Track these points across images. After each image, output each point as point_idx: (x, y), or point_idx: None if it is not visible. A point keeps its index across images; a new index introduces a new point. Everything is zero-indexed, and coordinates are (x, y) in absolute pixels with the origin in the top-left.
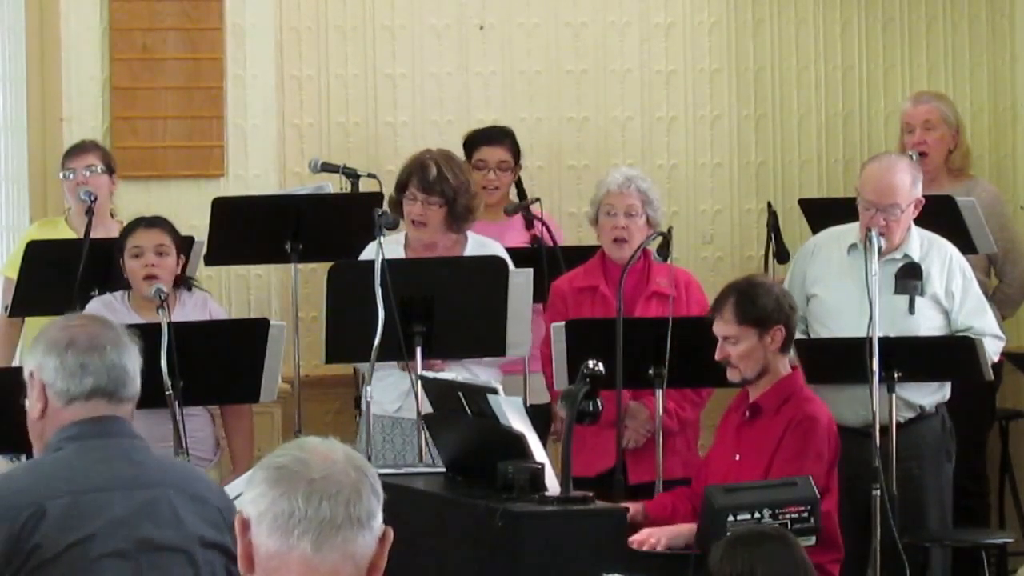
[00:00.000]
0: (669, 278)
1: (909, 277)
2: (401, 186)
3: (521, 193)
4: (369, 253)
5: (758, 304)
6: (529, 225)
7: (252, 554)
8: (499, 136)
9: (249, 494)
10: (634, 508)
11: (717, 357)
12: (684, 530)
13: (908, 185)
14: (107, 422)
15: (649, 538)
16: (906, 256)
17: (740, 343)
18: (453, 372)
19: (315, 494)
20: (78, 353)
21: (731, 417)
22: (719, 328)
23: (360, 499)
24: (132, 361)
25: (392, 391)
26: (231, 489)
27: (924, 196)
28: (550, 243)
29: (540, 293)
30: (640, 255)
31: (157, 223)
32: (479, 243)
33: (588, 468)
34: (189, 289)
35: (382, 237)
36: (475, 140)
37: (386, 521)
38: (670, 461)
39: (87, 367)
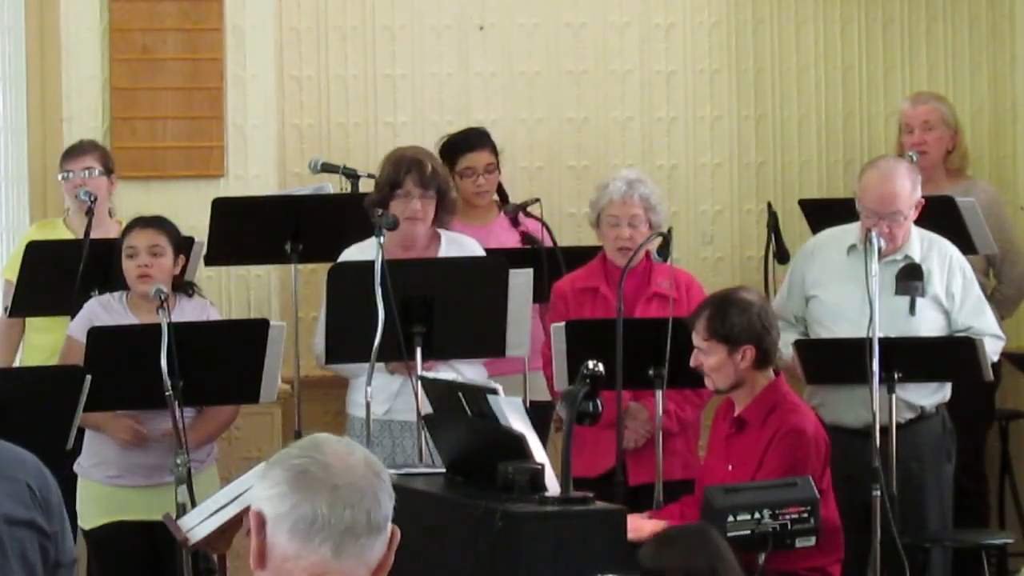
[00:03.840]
0: (670, 279)
1: (910, 278)
2: (393, 184)
3: (502, 194)
4: (347, 255)
5: (728, 322)
6: (515, 223)
7: (265, 551)
8: (480, 140)
9: (265, 491)
10: (639, 522)
11: (691, 364)
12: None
13: (908, 191)
14: None
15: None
16: (907, 257)
17: (710, 356)
18: (441, 371)
19: (339, 501)
20: None
21: (720, 426)
22: (694, 337)
23: (379, 506)
24: None
25: (380, 393)
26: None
27: (924, 197)
28: (549, 243)
29: (539, 293)
30: (642, 256)
31: (153, 223)
32: (453, 240)
33: (590, 468)
34: (190, 295)
35: (380, 239)
36: (457, 148)
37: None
38: (670, 462)
39: None
